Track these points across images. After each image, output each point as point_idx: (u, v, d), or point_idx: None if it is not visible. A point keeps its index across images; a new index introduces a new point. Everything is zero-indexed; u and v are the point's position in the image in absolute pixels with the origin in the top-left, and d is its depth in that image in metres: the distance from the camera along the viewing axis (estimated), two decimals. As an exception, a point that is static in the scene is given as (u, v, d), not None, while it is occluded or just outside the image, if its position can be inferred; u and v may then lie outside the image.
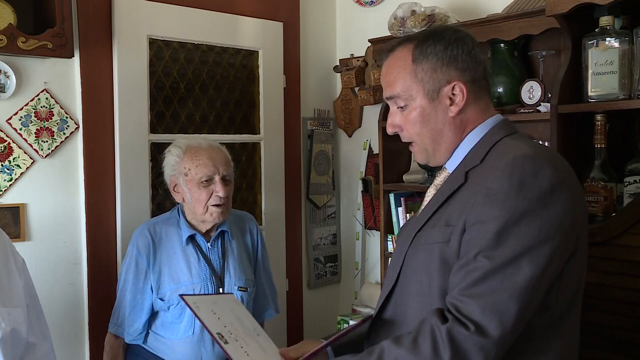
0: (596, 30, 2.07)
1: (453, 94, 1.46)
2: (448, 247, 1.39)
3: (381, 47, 2.86)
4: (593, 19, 2.09)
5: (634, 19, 2.13)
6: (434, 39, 1.47)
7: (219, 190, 2.22)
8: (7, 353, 1.78)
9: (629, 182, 2.11)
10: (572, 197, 1.37)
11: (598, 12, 2.07)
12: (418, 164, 2.73)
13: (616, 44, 2.03)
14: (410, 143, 1.56)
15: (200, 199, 2.24)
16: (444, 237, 1.40)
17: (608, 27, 2.05)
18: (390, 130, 1.55)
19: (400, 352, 1.34)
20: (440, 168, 1.58)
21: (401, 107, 1.51)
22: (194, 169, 2.24)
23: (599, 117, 2.08)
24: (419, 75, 1.46)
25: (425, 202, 1.56)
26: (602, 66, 2.05)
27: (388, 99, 1.53)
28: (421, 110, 1.48)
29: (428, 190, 1.58)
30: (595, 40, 2.07)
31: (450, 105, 1.46)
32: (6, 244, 1.92)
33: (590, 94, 2.09)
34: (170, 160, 2.31)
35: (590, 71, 2.08)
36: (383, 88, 1.55)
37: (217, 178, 2.24)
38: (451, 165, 1.51)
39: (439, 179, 1.55)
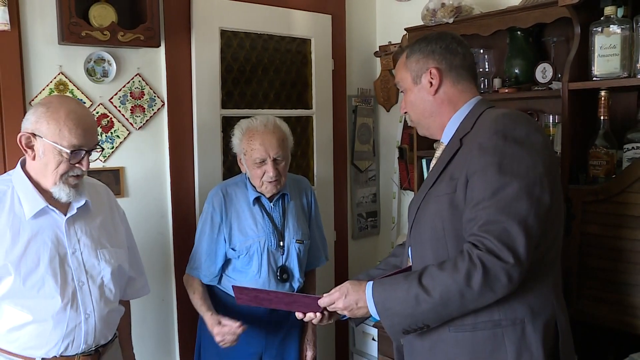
0: (601, 18, 2.06)
1: (431, 78, 1.62)
2: (455, 196, 1.50)
3: (415, 35, 2.90)
4: (599, 9, 2.07)
5: (635, 8, 2.11)
6: (420, 41, 1.67)
7: (269, 170, 2.23)
8: (116, 283, 1.91)
9: (627, 148, 2.12)
10: (545, 141, 1.50)
11: (603, 3, 2.06)
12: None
13: (618, 31, 2.01)
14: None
15: (255, 175, 2.27)
16: (451, 188, 1.51)
17: (612, 16, 2.03)
18: (401, 111, 1.75)
19: (438, 272, 1.43)
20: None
21: (403, 92, 1.71)
22: (249, 152, 2.25)
23: (603, 92, 2.08)
24: (409, 67, 1.67)
25: (430, 171, 1.68)
26: (606, 49, 2.03)
27: (396, 86, 1.77)
28: (411, 93, 1.67)
29: (432, 162, 1.70)
30: (600, 27, 2.05)
31: (430, 86, 1.63)
32: (111, 199, 2.03)
33: (595, 73, 2.07)
34: (234, 140, 2.34)
35: (596, 54, 2.06)
36: None
37: (268, 161, 2.23)
38: (446, 138, 1.64)
39: (439, 151, 1.67)
